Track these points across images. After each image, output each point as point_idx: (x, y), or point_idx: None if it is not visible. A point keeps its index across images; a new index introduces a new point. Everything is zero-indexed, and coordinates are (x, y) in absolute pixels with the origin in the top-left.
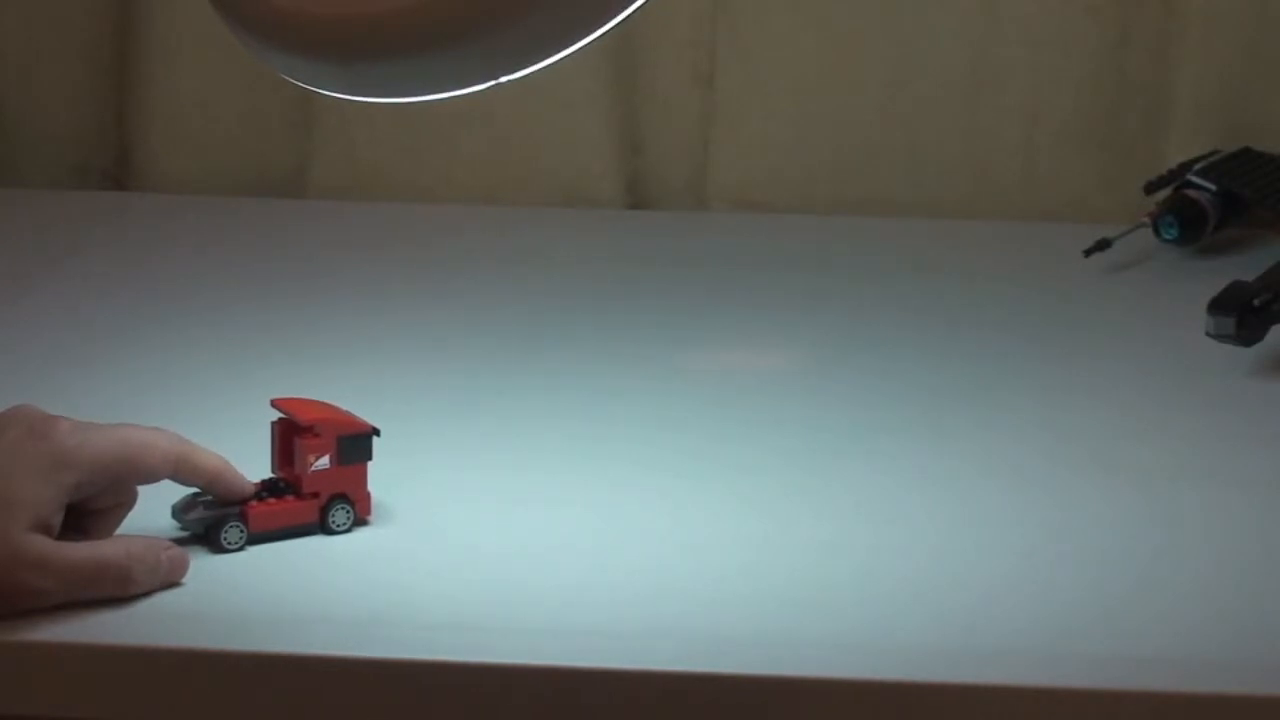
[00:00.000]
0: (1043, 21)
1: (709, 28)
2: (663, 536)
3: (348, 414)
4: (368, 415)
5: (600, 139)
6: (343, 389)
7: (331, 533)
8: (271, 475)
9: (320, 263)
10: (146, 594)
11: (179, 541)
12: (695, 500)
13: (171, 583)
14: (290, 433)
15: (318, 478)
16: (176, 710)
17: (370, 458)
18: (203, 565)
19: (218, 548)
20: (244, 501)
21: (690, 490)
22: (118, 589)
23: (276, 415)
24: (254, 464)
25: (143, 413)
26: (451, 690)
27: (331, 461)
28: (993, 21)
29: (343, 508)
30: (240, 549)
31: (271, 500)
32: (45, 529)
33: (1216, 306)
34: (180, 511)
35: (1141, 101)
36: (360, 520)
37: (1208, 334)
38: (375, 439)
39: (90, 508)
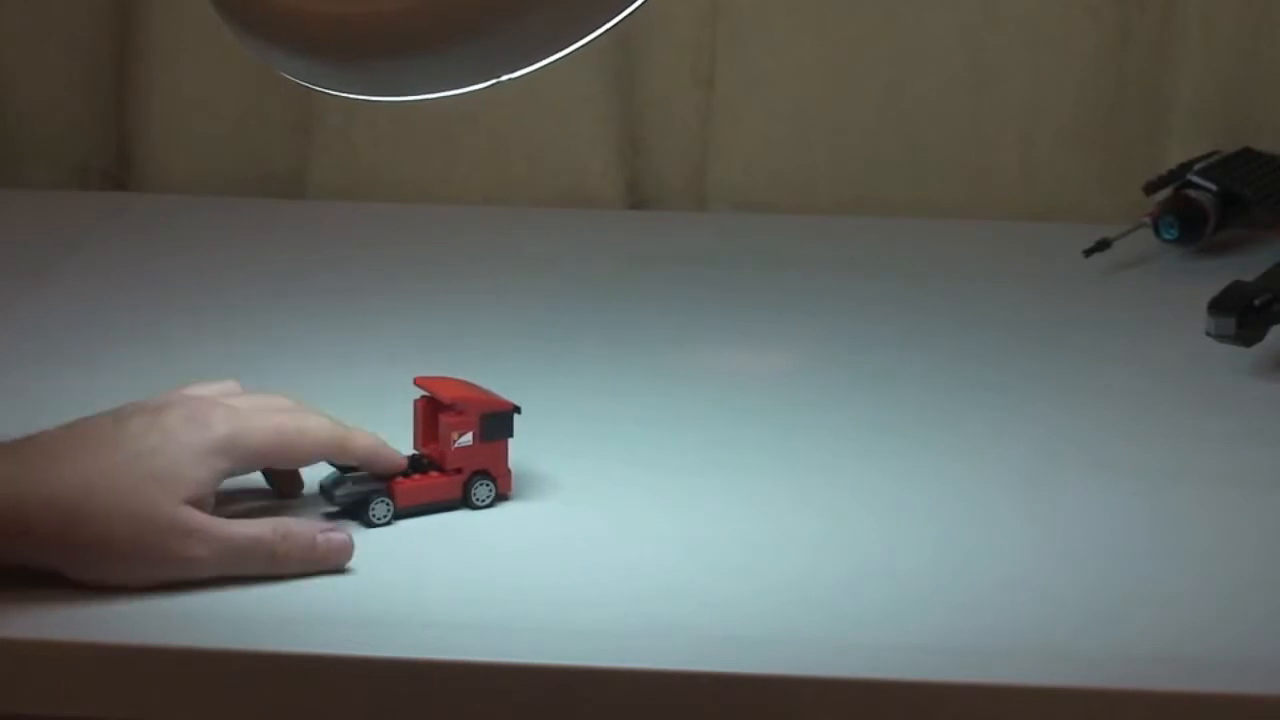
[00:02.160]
0: (1042, 21)
1: (709, 28)
2: (663, 536)
3: (488, 392)
4: (367, 415)
5: (600, 139)
6: (342, 389)
7: (474, 508)
8: (415, 452)
9: (320, 263)
10: (300, 576)
11: (332, 519)
12: (696, 500)
13: (329, 567)
14: (434, 410)
15: (461, 454)
16: (177, 710)
17: (511, 434)
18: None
19: (366, 523)
20: (392, 477)
21: (691, 490)
22: (268, 566)
23: (419, 394)
24: None
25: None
26: (451, 690)
27: (474, 438)
28: (992, 22)
29: (485, 483)
30: (388, 523)
31: (417, 476)
32: (201, 506)
33: (1216, 306)
34: (329, 488)
35: (1141, 101)
36: (502, 496)
37: (1208, 334)
38: (517, 416)
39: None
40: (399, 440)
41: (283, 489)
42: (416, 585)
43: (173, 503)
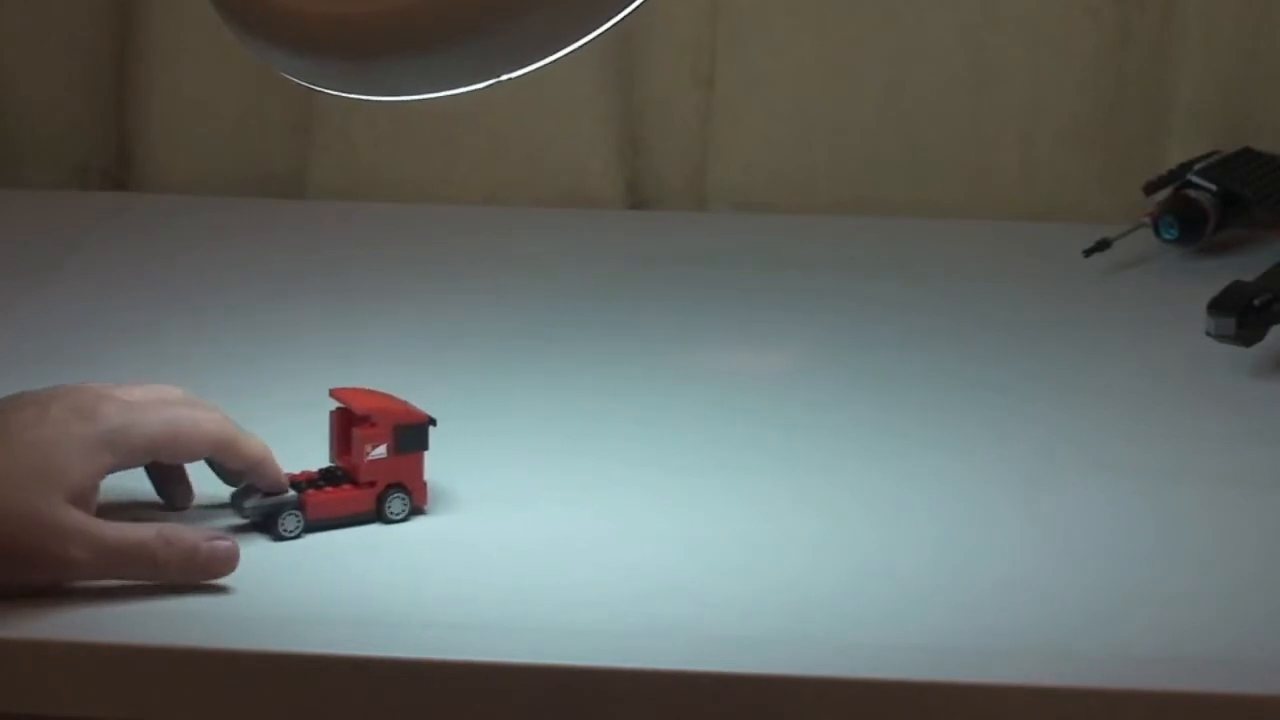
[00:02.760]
0: (1042, 21)
1: (709, 28)
2: (663, 536)
3: (404, 404)
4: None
5: (600, 139)
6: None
7: (389, 521)
8: (329, 464)
9: (320, 263)
10: (183, 584)
11: (236, 530)
12: (696, 500)
13: (212, 576)
14: (348, 422)
15: (375, 466)
16: (177, 710)
17: (426, 447)
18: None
19: (275, 536)
20: (286, 492)
21: (691, 490)
22: (147, 573)
23: (334, 405)
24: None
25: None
26: (451, 690)
27: (388, 450)
28: (992, 21)
29: (399, 496)
30: (298, 537)
31: (329, 489)
32: (83, 504)
33: (1216, 306)
34: (238, 498)
35: (1141, 101)
36: (416, 509)
37: (1208, 334)
38: (431, 428)
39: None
40: None
41: (174, 500)
42: (416, 585)
43: (54, 501)
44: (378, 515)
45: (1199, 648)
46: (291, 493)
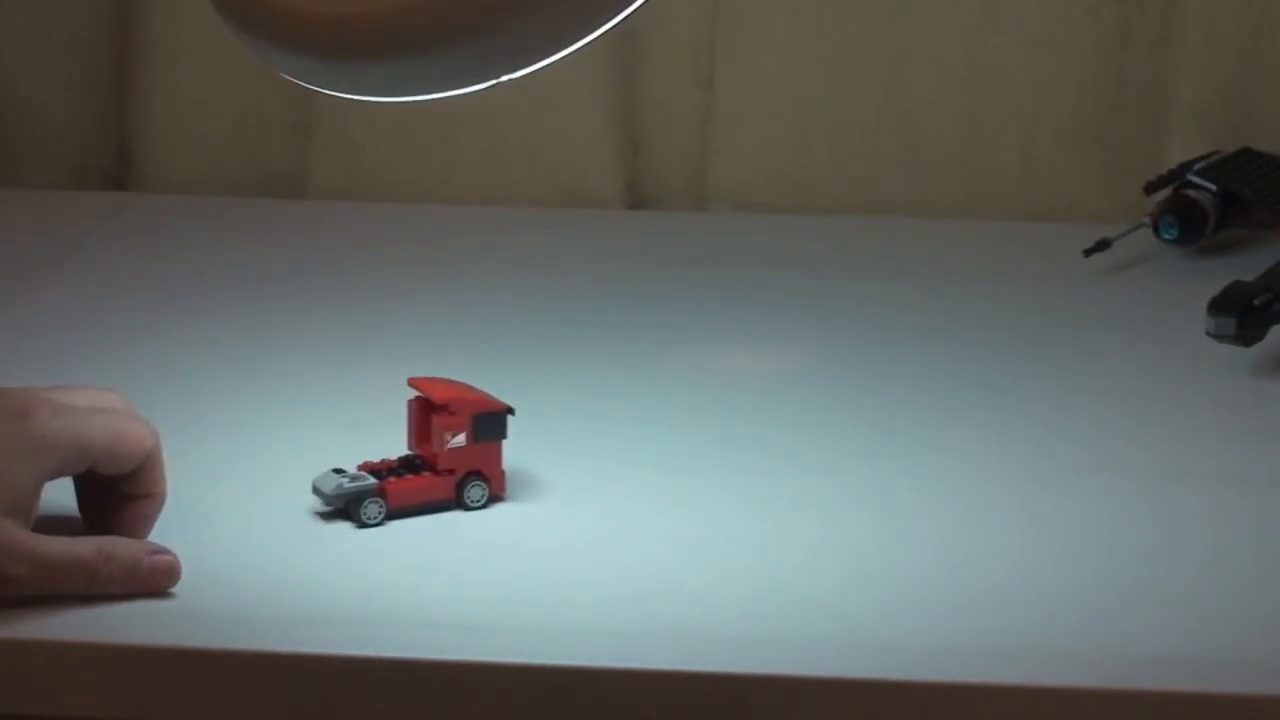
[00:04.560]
0: (1042, 21)
1: (709, 28)
2: (663, 536)
3: (482, 393)
4: (367, 415)
5: (600, 139)
6: (342, 389)
7: (467, 508)
8: (408, 452)
9: (320, 263)
10: (122, 597)
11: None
12: (695, 500)
13: (154, 589)
14: (427, 411)
15: (453, 455)
16: (177, 710)
17: (504, 435)
18: (202, 564)
19: (358, 523)
20: (374, 476)
21: (690, 490)
22: (86, 586)
23: (412, 394)
24: (253, 464)
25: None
26: (451, 690)
27: (467, 439)
28: (992, 21)
29: (477, 484)
30: (379, 524)
31: (409, 477)
32: (21, 514)
33: (1216, 306)
34: (319, 485)
35: (1141, 101)
36: (495, 496)
37: (1208, 334)
38: (511, 417)
39: (120, 493)
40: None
41: (94, 525)
42: (416, 585)
43: None
44: (457, 503)
45: (1198, 648)
46: (372, 480)
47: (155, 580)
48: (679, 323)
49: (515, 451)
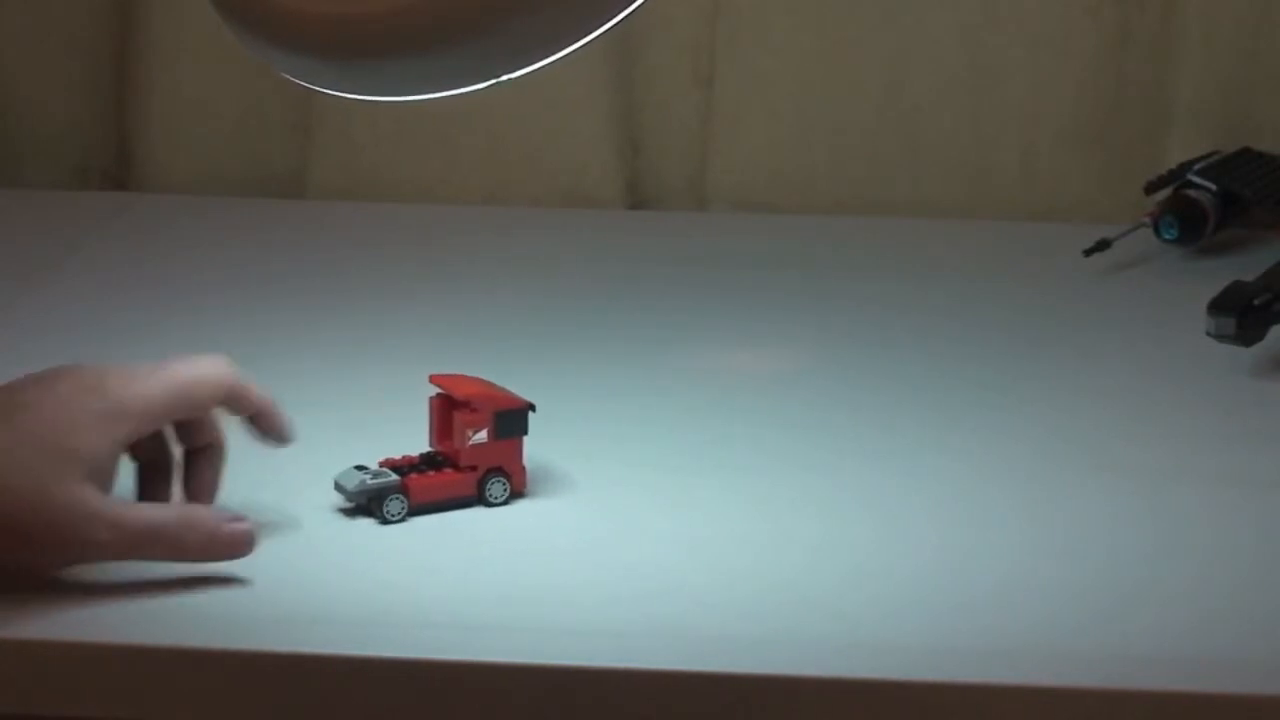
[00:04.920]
0: (1042, 21)
1: (709, 28)
2: (663, 536)
3: (503, 390)
4: (367, 415)
5: (600, 139)
6: (343, 389)
7: (489, 504)
8: (429, 449)
9: (320, 263)
10: (203, 563)
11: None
12: (695, 500)
13: (231, 557)
14: (448, 408)
15: (475, 451)
16: (177, 710)
17: (525, 432)
18: (202, 564)
19: (381, 519)
20: (396, 473)
21: (690, 490)
22: (169, 554)
23: (423, 393)
24: (253, 464)
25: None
26: (451, 690)
27: (488, 436)
28: (992, 22)
29: (499, 480)
30: (402, 520)
31: (431, 473)
32: (101, 482)
33: (1216, 306)
34: (342, 482)
35: (1141, 101)
36: (516, 493)
37: (1208, 334)
38: (531, 414)
39: (188, 446)
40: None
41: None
42: (416, 585)
43: (74, 482)
44: (479, 499)
45: (1198, 648)
46: (395, 477)
47: (233, 547)
48: (679, 323)
49: None
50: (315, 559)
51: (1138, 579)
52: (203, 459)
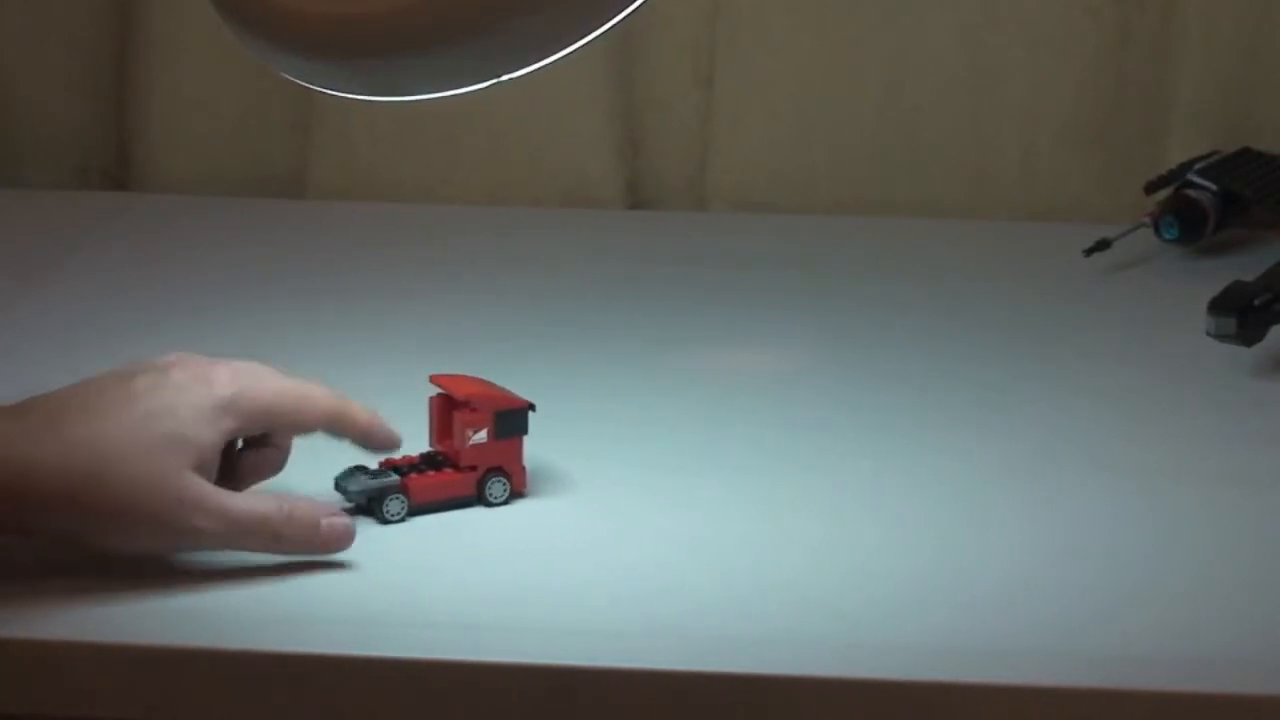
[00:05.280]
0: (1042, 21)
1: (709, 28)
2: (663, 536)
3: (503, 390)
4: None
5: (600, 139)
6: (343, 389)
7: (489, 504)
8: (429, 449)
9: (320, 263)
10: (300, 558)
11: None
12: (695, 500)
13: (330, 551)
14: (448, 408)
15: (475, 451)
16: (177, 710)
17: (526, 432)
18: (202, 564)
19: (380, 519)
20: (395, 473)
21: (690, 490)
22: (268, 545)
23: (423, 393)
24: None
25: None
26: (451, 689)
27: (488, 435)
28: (992, 22)
29: (499, 480)
30: (402, 520)
31: (431, 473)
32: (205, 471)
33: (1217, 306)
34: (342, 482)
35: (1141, 101)
36: (516, 493)
37: (1208, 334)
38: (531, 413)
39: (236, 464)
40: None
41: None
42: (416, 585)
43: (180, 469)
44: (479, 499)
45: (1198, 648)
46: (395, 477)
47: (333, 542)
48: (679, 323)
49: None
50: (315, 559)
51: (1138, 579)
52: (268, 452)
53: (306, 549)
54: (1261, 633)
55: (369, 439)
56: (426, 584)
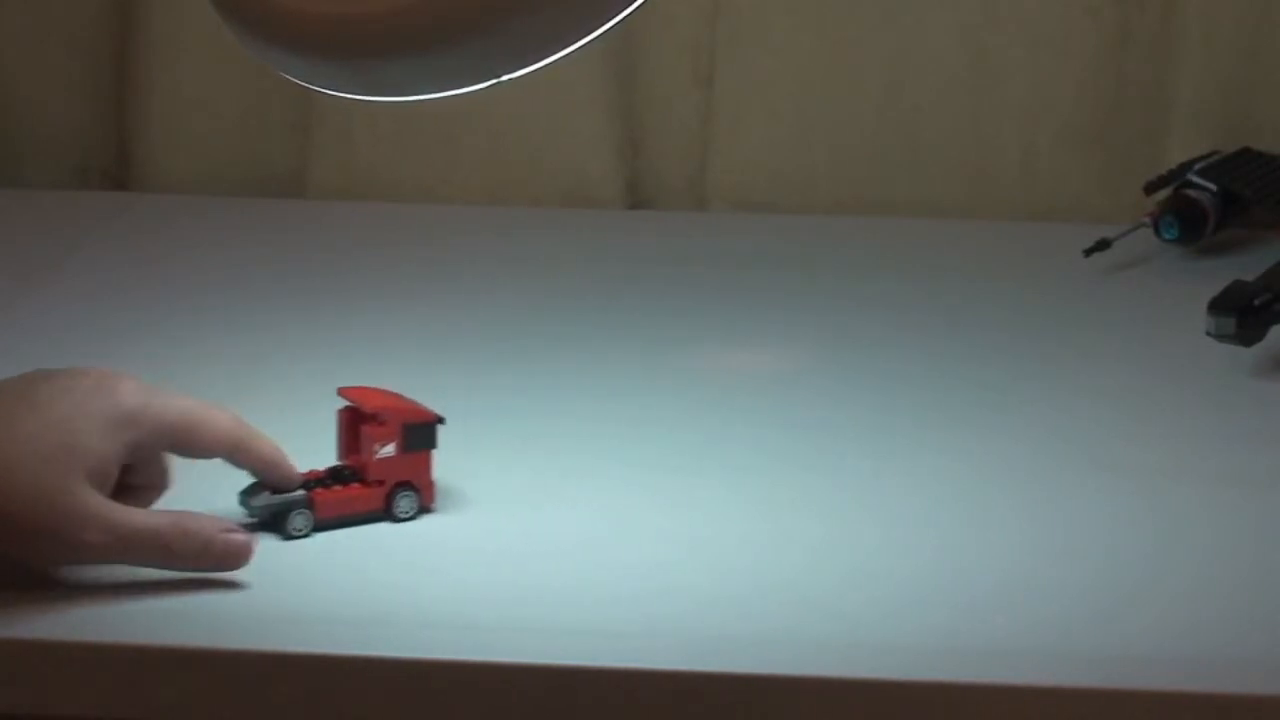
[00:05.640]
0: (1042, 21)
1: (709, 28)
2: (663, 536)
3: (412, 402)
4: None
5: (600, 139)
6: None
7: (397, 520)
8: (337, 463)
9: (320, 263)
10: (198, 573)
11: (248, 528)
12: (695, 500)
13: (225, 568)
14: (356, 421)
15: (383, 465)
16: (177, 710)
17: (435, 445)
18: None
19: (285, 535)
20: (302, 487)
21: (690, 490)
22: (160, 560)
23: (341, 404)
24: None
25: None
26: (451, 690)
27: (397, 449)
28: (992, 22)
29: (407, 495)
30: (306, 535)
31: (338, 487)
32: (102, 484)
33: (1216, 306)
34: (246, 497)
35: (1141, 101)
36: (424, 508)
37: (1208, 334)
38: (440, 427)
39: (123, 482)
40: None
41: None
42: (416, 585)
43: (74, 481)
44: (386, 514)
45: (1198, 648)
46: (300, 492)
47: (227, 559)
48: (679, 323)
49: (516, 451)
50: (315, 559)
51: (1138, 579)
52: (143, 492)
53: (201, 565)
54: (1261, 633)
55: (270, 472)
56: (426, 584)
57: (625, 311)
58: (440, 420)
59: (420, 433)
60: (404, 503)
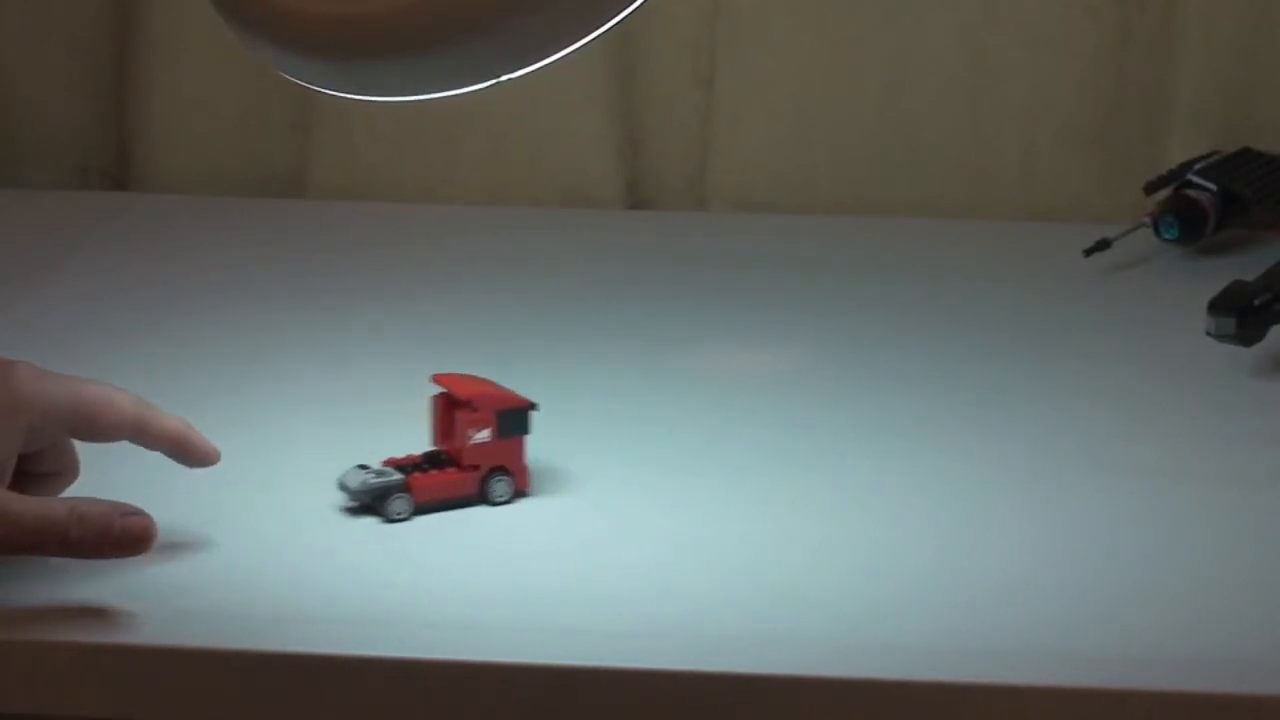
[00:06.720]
0: (1042, 21)
1: (709, 28)
2: (663, 536)
3: (505, 389)
4: (366, 414)
5: (600, 139)
6: (342, 389)
7: (492, 504)
8: (432, 448)
9: (320, 263)
10: (96, 559)
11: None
12: (695, 500)
13: (126, 553)
14: (450, 407)
15: (478, 450)
16: (177, 710)
17: (528, 431)
18: (204, 564)
19: (385, 518)
20: (399, 471)
21: (690, 490)
22: (60, 549)
23: (425, 392)
24: (253, 464)
25: None
26: (451, 690)
27: (491, 435)
28: (992, 22)
29: (502, 479)
30: (407, 519)
31: (434, 472)
32: None
33: (1216, 306)
34: (345, 481)
35: (1141, 101)
36: (519, 492)
37: (1208, 334)
38: (534, 413)
39: (30, 471)
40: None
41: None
42: (416, 585)
43: None
44: (482, 498)
45: (1198, 648)
46: (398, 475)
47: (127, 544)
48: (679, 323)
49: None
50: (316, 559)
51: (1138, 579)
52: (51, 479)
53: (101, 552)
54: (1261, 633)
55: (182, 449)
56: (426, 584)
57: (625, 311)
58: (534, 406)
59: (514, 418)
60: (499, 487)
